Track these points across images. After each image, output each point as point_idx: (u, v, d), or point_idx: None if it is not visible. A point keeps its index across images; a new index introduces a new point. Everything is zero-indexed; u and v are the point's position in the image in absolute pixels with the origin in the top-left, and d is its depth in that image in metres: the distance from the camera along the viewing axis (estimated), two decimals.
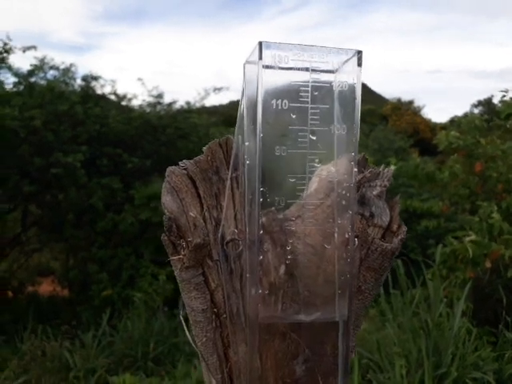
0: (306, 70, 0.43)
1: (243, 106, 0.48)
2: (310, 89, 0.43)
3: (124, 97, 6.13)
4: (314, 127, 0.44)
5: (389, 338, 2.46)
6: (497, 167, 3.68)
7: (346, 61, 0.44)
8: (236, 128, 0.49)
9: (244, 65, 0.47)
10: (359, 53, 0.44)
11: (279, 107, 0.43)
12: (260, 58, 0.41)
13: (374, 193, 0.55)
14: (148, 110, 6.07)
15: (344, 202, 0.47)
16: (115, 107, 5.92)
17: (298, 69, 0.42)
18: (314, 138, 0.45)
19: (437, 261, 3.20)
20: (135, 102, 6.24)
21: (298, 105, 0.44)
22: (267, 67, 0.42)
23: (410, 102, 18.46)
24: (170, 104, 6.19)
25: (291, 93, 0.43)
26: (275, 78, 0.42)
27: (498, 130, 4.04)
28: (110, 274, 4.67)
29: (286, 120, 0.44)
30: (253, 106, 0.44)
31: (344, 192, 0.47)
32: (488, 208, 3.23)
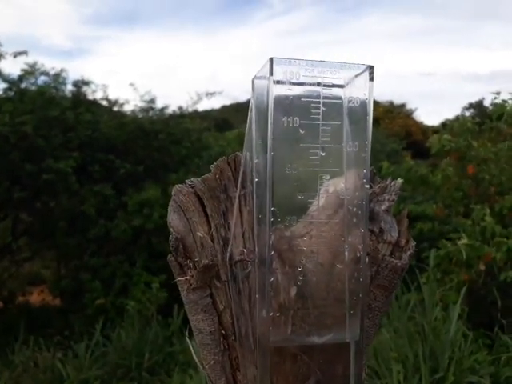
0: (318, 85, 0.42)
1: (252, 122, 0.46)
2: (321, 105, 0.42)
3: (116, 102, 6.09)
4: (325, 144, 0.43)
5: (385, 343, 2.46)
6: (489, 170, 3.71)
7: (357, 75, 0.43)
8: (244, 144, 0.48)
9: (253, 80, 0.46)
10: (371, 68, 0.43)
11: (290, 124, 0.42)
12: (271, 73, 0.40)
13: (383, 208, 0.54)
14: (140, 115, 6.04)
15: (355, 220, 0.46)
16: (107, 112, 5.88)
17: (310, 84, 0.41)
18: (325, 154, 0.44)
19: (431, 264, 3.20)
20: (127, 108, 6.21)
21: (309, 122, 0.42)
22: (278, 82, 0.41)
23: (403, 105, 18.62)
24: (162, 109, 6.16)
25: (302, 109, 0.42)
26: (286, 94, 0.41)
27: (489, 133, 4.08)
28: (103, 282, 4.62)
29: (296, 137, 0.42)
30: (262, 122, 0.43)
31: (355, 209, 0.46)
32: (480, 211, 3.25)
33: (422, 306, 2.65)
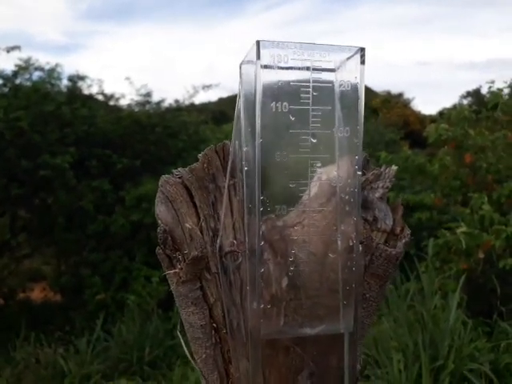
0: (307, 69, 0.40)
1: (240, 109, 0.45)
2: (310, 89, 0.41)
3: (112, 96, 6.05)
4: (316, 130, 0.42)
5: (385, 333, 2.46)
6: (486, 158, 3.70)
7: (348, 58, 0.41)
8: (233, 132, 0.46)
9: (240, 65, 0.44)
10: (362, 50, 0.41)
11: (279, 110, 0.40)
12: (258, 57, 0.39)
13: (377, 195, 0.53)
14: (136, 109, 6.00)
15: (347, 208, 0.45)
16: (103, 107, 5.84)
17: (299, 68, 0.40)
18: (316, 141, 0.42)
19: (430, 253, 3.20)
20: (123, 102, 6.17)
21: (299, 107, 0.41)
22: (265, 67, 0.39)
23: (400, 95, 18.53)
24: (158, 102, 6.12)
25: (291, 94, 0.40)
26: (274, 79, 0.40)
27: (486, 121, 4.06)
28: (103, 277, 4.61)
29: (285, 123, 0.41)
30: (250, 108, 0.41)
31: (347, 197, 0.45)
32: (479, 199, 3.25)
33: (422, 295, 2.66)
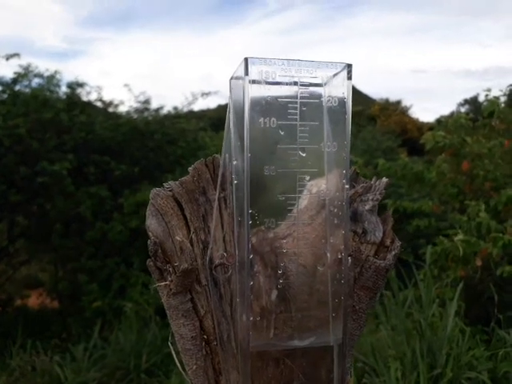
0: (295, 84, 0.41)
1: (230, 123, 0.45)
2: (298, 105, 0.41)
3: (110, 103, 6.07)
4: (304, 145, 0.43)
5: (383, 341, 2.46)
6: (483, 165, 3.71)
7: (335, 74, 0.42)
8: (223, 145, 0.47)
9: (230, 80, 0.45)
10: (349, 66, 0.42)
11: (267, 125, 0.41)
12: (246, 73, 0.39)
13: (366, 207, 0.53)
14: (135, 115, 6.02)
15: (336, 221, 0.46)
16: (101, 114, 5.85)
17: (286, 83, 0.41)
18: (304, 155, 0.43)
19: (428, 261, 3.20)
20: (122, 109, 6.19)
21: (287, 122, 0.42)
22: (254, 82, 0.40)
23: (398, 102, 18.60)
24: (157, 109, 6.14)
25: (279, 109, 0.41)
26: (262, 94, 0.40)
27: (483, 129, 4.09)
28: (100, 284, 4.60)
29: (274, 138, 0.42)
30: (240, 123, 0.42)
31: (336, 210, 0.46)
32: (476, 207, 3.25)
33: (419, 303, 2.65)
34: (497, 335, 2.56)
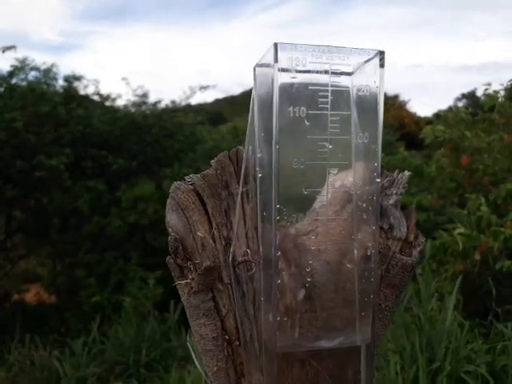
0: (326, 72, 0.39)
1: (254, 113, 0.43)
2: (329, 94, 0.39)
3: (108, 97, 6.01)
4: (334, 136, 0.40)
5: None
6: (483, 160, 3.71)
7: (367, 61, 0.40)
8: (246, 137, 0.45)
9: (254, 68, 0.42)
10: (382, 53, 0.40)
11: (296, 114, 0.39)
12: (276, 60, 0.37)
13: (391, 202, 0.52)
14: (133, 109, 5.96)
15: (365, 216, 0.44)
16: (99, 108, 5.80)
17: (317, 72, 0.38)
18: (333, 146, 0.41)
19: (426, 255, 3.20)
20: (120, 102, 6.13)
21: (317, 112, 0.39)
22: (283, 70, 0.37)
23: (395, 97, 18.58)
24: (155, 103, 6.08)
25: (309, 98, 0.39)
26: (291, 82, 0.38)
27: (482, 123, 4.08)
28: (99, 278, 4.58)
29: (303, 128, 0.39)
30: (265, 113, 0.39)
31: (364, 205, 0.44)
32: (476, 201, 3.25)
33: (418, 297, 2.65)
34: (495, 329, 2.57)
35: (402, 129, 12.59)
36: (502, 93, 3.96)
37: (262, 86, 0.41)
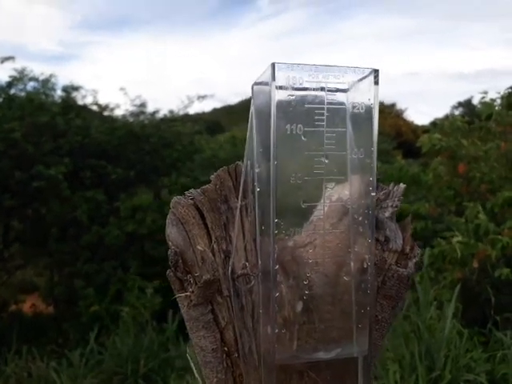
0: (322, 89, 0.40)
1: (252, 129, 0.44)
2: (325, 111, 0.41)
3: (106, 107, 6.04)
4: (330, 151, 0.42)
5: None
6: (480, 168, 3.73)
7: (362, 79, 0.41)
8: (245, 152, 0.46)
9: (252, 86, 0.44)
10: (376, 71, 0.41)
11: (294, 132, 0.40)
12: (273, 79, 0.38)
13: (386, 215, 0.53)
14: (131, 119, 5.99)
15: (361, 229, 0.45)
16: (97, 118, 5.82)
17: (313, 89, 0.40)
18: (329, 162, 0.42)
19: (425, 263, 3.20)
20: (118, 112, 6.16)
21: (313, 129, 0.41)
22: (280, 88, 0.39)
23: (392, 105, 18.72)
24: (153, 113, 6.12)
25: (305, 116, 0.40)
26: (288, 100, 0.39)
27: (479, 132, 4.11)
28: (97, 289, 4.56)
29: (300, 145, 0.41)
30: (263, 129, 0.41)
31: (360, 218, 0.45)
32: (473, 209, 3.26)
33: (417, 305, 2.65)
34: (494, 337, 2.57)
35: (399, 137, 12.66)
36: (499, 101, 3.99)
37: (260, 104, 0.42)
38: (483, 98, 3.95)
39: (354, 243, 0.45)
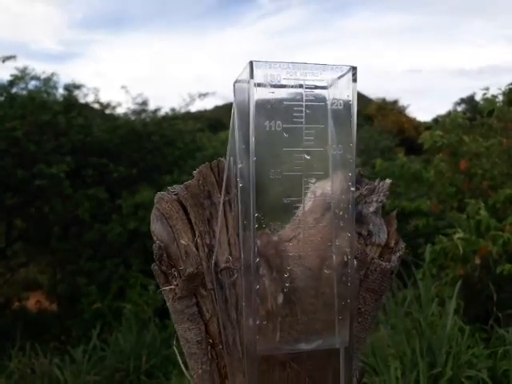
0: (300, 86, 0.41)
1: (235, 126, 0.45)
2: (303, 108, 0.41)
3: (108, 105, 6.05)
4: (309, 148, 0.42)
5: (382, 340, 2.45)
6: (481, 164, 3.72)
7: (340, 77, 0.42)
8: (228, 148, 0.47)
9: (234, 84, 0.45)
10: (354, 69, 0.42)
11: (272, 128, 0.41)
12: (251, 77, 0.39)
13: (371, 209, 0.53)
14: (133, 117, 6.01)
15: (341, 223, 0.46)
16: (99, 116, 5.85)
17: (291, 86, 0.40)
18: (310, 157, 0.43)
19: (427, 260, 3.20)
20: (119, 110, 6.17)
21: (292, 125, 0.41)
22: (259, 85, 0.40)
23: (395, 102, 18.64)
24: (155, 111, 6.13)
25: (284, 113, 0.41)
26: (267, 98, 0.40)
27: (480, 128, 4.10)
28: (99, 286, 4.59)
29: (279, 141, 0.41)
30: (244, 126, 0.42)
31: (341, 213, 0.45)
32: (475, 205, 3.26)
33: (419, 302, 2.65)
34: (496, 333, 2.57)
35: (401, 134, 12.63)
36: (501, 97, 3.98)
37: (241, 101, 0.43)
38: (485, 94, 3.93)
39: (336, 237, 0.46)
